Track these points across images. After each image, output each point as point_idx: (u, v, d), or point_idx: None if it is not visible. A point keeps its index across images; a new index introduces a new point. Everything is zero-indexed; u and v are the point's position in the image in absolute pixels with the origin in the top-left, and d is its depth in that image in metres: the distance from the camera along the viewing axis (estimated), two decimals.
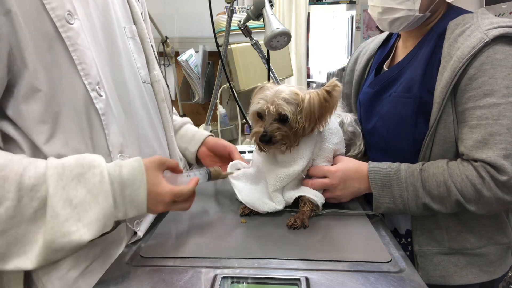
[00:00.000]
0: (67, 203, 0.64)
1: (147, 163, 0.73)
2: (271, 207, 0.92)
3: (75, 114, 0.72)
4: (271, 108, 0.85)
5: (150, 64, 0.98)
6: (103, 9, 0.82)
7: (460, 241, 0.94)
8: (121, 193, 0.70)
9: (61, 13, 0.69)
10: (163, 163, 0.76)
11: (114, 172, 0.70)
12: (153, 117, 0.95)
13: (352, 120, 1.08)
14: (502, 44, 0.82)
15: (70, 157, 0.69)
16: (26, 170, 0.63)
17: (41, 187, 0.63)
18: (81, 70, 0.72)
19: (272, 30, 1.11)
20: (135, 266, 0.74)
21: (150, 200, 0.72)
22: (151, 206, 0.73)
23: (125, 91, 0.85)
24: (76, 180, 0.66)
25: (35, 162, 0.66)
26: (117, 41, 0.85)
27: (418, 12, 0.91)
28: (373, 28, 3.64)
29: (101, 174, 0.68)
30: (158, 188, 0.72)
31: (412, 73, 0.95)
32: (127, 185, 0.70)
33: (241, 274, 0.69)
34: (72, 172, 0.66)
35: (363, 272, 0.70)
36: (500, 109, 0.81)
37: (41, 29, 0.68)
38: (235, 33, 1.68)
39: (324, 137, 0.96)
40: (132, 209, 0.71)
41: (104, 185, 0.68)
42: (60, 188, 0.64)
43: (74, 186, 0.66)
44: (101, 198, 0.67)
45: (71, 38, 0.70)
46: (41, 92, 0.69)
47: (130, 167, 0.71)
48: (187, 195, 0.78)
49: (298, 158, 0.92)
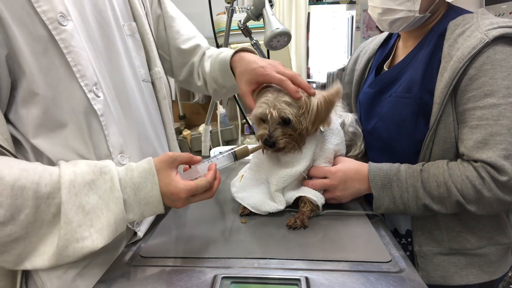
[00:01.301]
0: (79, 209, 0.65)
1: (157, 163, 0.73)
2: (273, 207, 0.92)
3: (74, 116, 0.72)
4: (273, 113, 0.85)
5: (152, 61, 0.97)
6: (99, 9, 0.81)
7: (460, 242, 0.94)
8: (135, 197, 0.70)
9: (53, 15, 0.69)
10: (174, 160, 0.74)
11: (126, 177, 0.70)
12: (153, 116, 0.94)
13: (353, 120, 1.08)
14: (502, 45, 0.82)
15: (81, 163, 0.70)
16: (42, 178, 0.64)
17: (57, 194, 0.64)
18: (77, 72, 0.71)
19: (272, 30, 1.11)
20: (135, 266, 0.74)
21: (166, 200, 0.72)
22: (169, 204, 0.73)
23: (124, 90, 0.84)
24: (88, 187, 0.67)
25: (49, 170, 0.66)
26: (115, 40, 0.84)
27: (418, 13, 0.91)
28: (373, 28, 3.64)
29: (112, 180, 0.69)
30: (170, 187, 0.72)
31: (412, 74, 0.95)
32: (140, 188, 0.70)
33: (241, 274, 0.69)
34: (84, 178, 0.67)
35: (363, 272, 0.70)
36: (500, 110, 0.81)
37: (34, 33, 0.67)
38: (235, 33, 1.68)
39: (325, 138, 0.96)
40: (148, 210, 0.72)
41: (115, 191, 0.68)
42: (73, 195, 0.65)
43: (86, 193, 0.66)
44: (112, 204, 0.68)
45: (65, 40, 0.70)
46: (39, 95, 0.69)
47: (141, 170, 0.71)
48: (204, 188, 0.74)
49: (301, 158, 0.92)
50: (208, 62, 1.08)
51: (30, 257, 0.65)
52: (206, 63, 1.09)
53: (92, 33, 0.78)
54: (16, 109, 0.69)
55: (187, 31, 1.11)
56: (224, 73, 1.01)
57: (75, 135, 0.73)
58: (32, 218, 0.63)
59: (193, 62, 1.12)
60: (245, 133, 2.15)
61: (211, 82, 1.08)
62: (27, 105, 0.69)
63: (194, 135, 2.14)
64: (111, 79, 0.81)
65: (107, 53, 0.82)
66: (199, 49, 1.12)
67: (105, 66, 0.80)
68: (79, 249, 0.65)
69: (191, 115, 2.58)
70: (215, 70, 1.04)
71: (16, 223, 0.62)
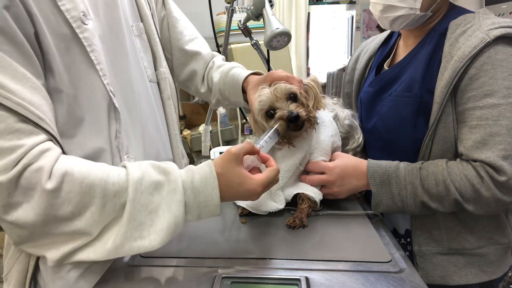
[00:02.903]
0: (143, 208, 0.65)
1: (223, 164, 0.71)
2: (273, 207, 0.92)
3: (96, 114, 0.73)
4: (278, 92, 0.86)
5: (158, 61, 0.98)
6: (111, 9, 0.82)
7: (460, 242, 0.94)
8: (195, 200, 0.70)
9: (76, 14, 0.70)
10: (238, 155, 0.71)
11: (187, 179, 0.70)
12: (157, 117, 0.95)
13: (349, 114, 1.09)
14: (503, 45, 0.82)
15: (145, 163, 0.70)
16: (110, 177, 0.64)
17: (124, 193, 0.65)
18: (100, 70, 0.73)
19: (272, 30, 1.11)
20: (135, 266, 0.74)
21: (241, 197, 0.73)
22: (245, 198, 0.74)
23: (130, 92, 0.85)
24: (153, 186, 0.67)
25: (116, 169, 0.67)
26: (124, 41, 0.85)
27: (419, 10, 0.91)
28: (373, 28, 3.64)
29: (176, 181, 0.68)
30: (246, 185, 0.70)
31: (413, 73, 0.95)
32: (200, 192, 0.69)
33: (241, 274, 0.69)
34: (151, 178, 0.67)
35: (363, 272, 0.70)
36: (500, 110, 0.81)
37: (58, 30, 0.68)
38: (235, 33, 1.68)
39: (320, 130, 0.97)
40: (206, 213, 0.71)
41: (178, 193, 0.68)
42: (139, 193, 0.65)
43: (151, 192, 0.66)
44: (174, 206, 0.67)
45: (88, 38, 0.71)
46: (63, 93, 0.69)
47: (202, 173, 0.70)
48: (275, 177, 0.74)
49: (296, 150, 0.92)
50: (217, 73, 1.09)
51: (85, 251, 0.65)
52: (215, 73, 1.10)
53: (104, 33, 0.79)
54: None
55: (190, 32, 1.13)
56: (234, 90, 1.04)
57: (95, 132, 0.74)
58: (98, 216, 0.63)
59: (195, 69, 1.13)
60: (245, 133, 2.15)
61: (217, 92, 1.09)
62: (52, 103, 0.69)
63: (194, 135, 2.14)
64: (118, 80, 0.81)
65: (116, 54, 0.82)
66: (201, 56, 1.13)
67: (112, 67, 0.80)
68: (135, 247, 0.65)
69: (191, 115, 2.58)
70: (225, 84, 1.06)
71: (81, 219, 0.62)
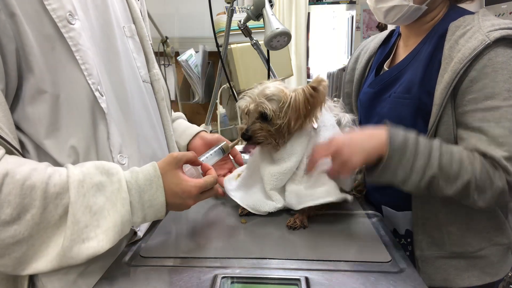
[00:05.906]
0: (87, 210, 0.65)
1: (164, 165, 0.74)
2: (271, 206, 0.92)
3: (79, 114, 0.73)
4: (251, 107, 0.87)
5: (150, 63, 0.98)
6: (102, 10, 0.82)
7: (462, 245, 0.93)
8: (140, 199, 0.70)
9: (62, 13, 0.69)
10: (180, 159, 0.75)
11: (131, 179, 0.71)
12: (152, 117, 0.95)
13: (350, 120, 1.08)
14: (503, 47, 0.82)
15: (88, 164, 0.70)
16: (51, 178, 0.64)
17: (65, 195, 0.64)
18: (85, 70, 0.72)
19: (272, 30, 1.11)
20: (135, 266, 0.74)
21: (178, 199, 0.74)
22: (180, 203, 0.75)
23: (123, 92, 0.85)
24: (96, 188, 0.67)
25: (58, 170, 0.66)
26: (115, 41, 0.84)
27: (413, 2, 0.90)
28: (373, 28, 3.64)
29: (119, 181, 0.69)
30: (181, 185, 0.73)
31: (412, 74, 0.94)
32: (145, 191, 0.71)
33: (241, 274, 0.69)
34: (92, 179, 0.67)
35: (363, 272, 0.70)
36: (501, 112, 0.81)
37: (43, 31, 0.68)
38: (235, 33, 1.68)
39: (319, 133, 0.95)
40: (151, 214, 0.72)
41: (122, 192, 0.69)
42: (81, 196, 0.65)
43: (94, 193, 0.66)
44: (119, 205, 0.68)
45: (73, 38, 0.71)
46: (47, 93, 0.69)
47: (146, 173, 0.72)
48: (213, 184, 0.79)
49: (291, 154, 0.91)
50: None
51: (30, 261, 0.64)
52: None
53: (95, 34, 0.79)
54: (22, 108, 0.69)
55: None
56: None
57: (79, 134, 0.73)
58: (38, 219, 0.62)
59: None
60: None
61: None
62: (34, 103, 0.69)
63: None
64: (110, 80, 0.81)
65: (108, 54, 0.82)
66: None
67: (104, 67, 0.80)
68: (84, 249, 0.64)
69: (191, 115, 2.58)
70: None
71: (21, 223, 0.61)
